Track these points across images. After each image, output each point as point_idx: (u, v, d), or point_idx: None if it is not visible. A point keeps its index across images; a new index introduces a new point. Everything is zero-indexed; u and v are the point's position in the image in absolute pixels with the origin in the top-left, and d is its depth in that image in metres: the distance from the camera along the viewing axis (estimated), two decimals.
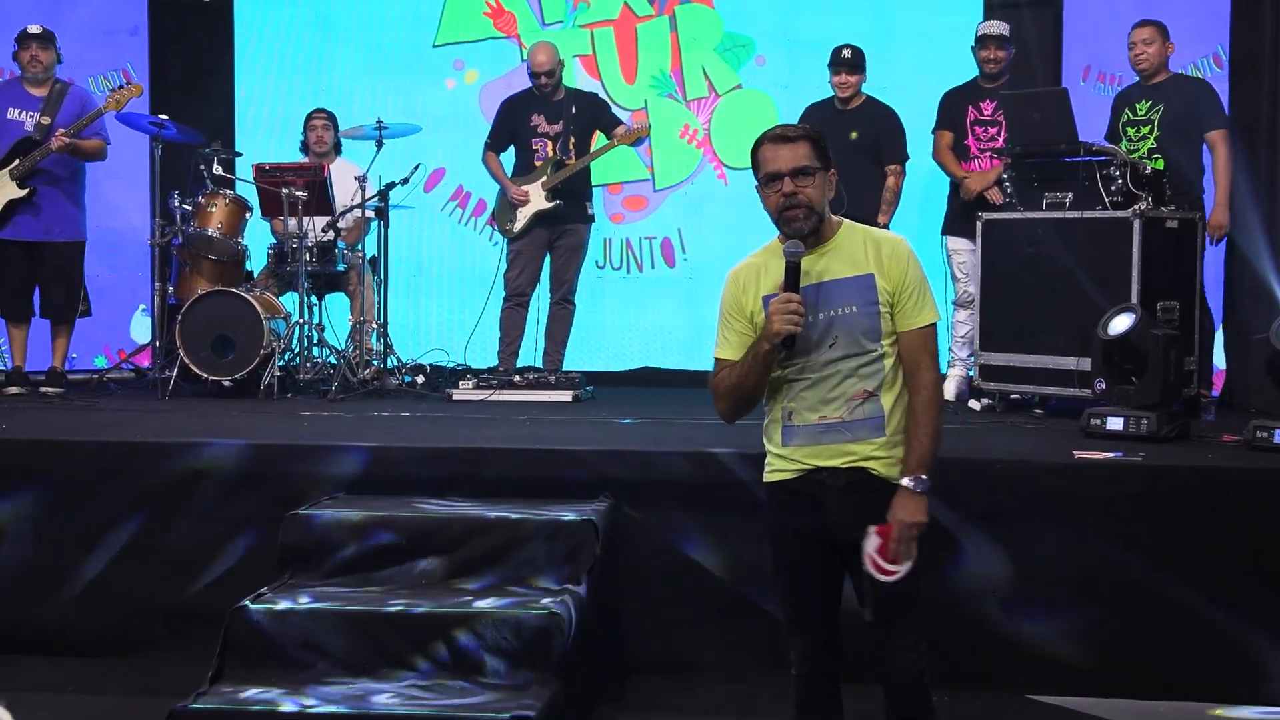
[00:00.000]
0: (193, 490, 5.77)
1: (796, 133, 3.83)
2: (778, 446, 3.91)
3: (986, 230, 7.39)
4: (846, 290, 3.80)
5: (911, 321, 3.81)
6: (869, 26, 8.94)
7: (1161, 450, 5.94)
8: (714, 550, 5.53)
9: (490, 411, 7.35)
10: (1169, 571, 5.34)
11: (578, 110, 8.50)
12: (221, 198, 8.22)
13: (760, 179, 3.85)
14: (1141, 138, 7.47)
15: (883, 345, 3.80)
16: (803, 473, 3.86)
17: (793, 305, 3.68)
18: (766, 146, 3.83)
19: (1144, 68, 7.49)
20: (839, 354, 3.78)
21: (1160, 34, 7.47)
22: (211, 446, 5.89)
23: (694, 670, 5.50)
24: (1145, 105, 7.49)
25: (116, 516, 5.78)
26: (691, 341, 9.36)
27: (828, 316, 3.79)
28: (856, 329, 3.79)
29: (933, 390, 3.84)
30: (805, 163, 3.78)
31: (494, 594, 4.96)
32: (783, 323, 3.68)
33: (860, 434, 3.80)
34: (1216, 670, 5.32)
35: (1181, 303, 6.94)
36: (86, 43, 9.14)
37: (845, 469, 3.81)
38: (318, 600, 4.86)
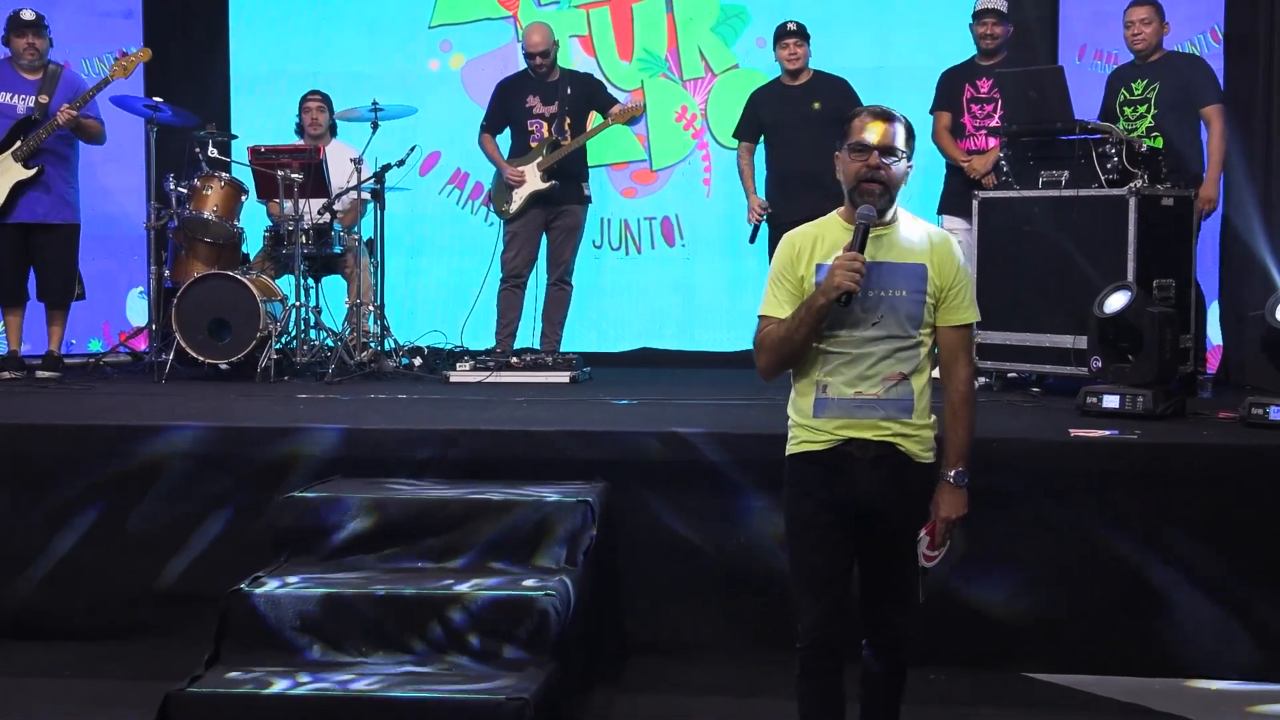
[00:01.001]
0: (189, 474, 5.77)
1: (895, 115, 3.93)
2: (807, 418, 3.97)
3: (983, 209, 7.39)
4: (899, 274, 3.90)
5: (955, 318, 3.96)
6: (866, 6, 8.91)
7: (1157, 428, 5.94)
8: (711, 531, 5.53)
9: (487, 393, 7.35)
10: (1165, 549, 5.35)
11: (573, 91, 8.49)
12: (217, 180, 8.20)
13: (848, 145, 3.92)
14: (1139, 116, 7.47)
15: (921, 334, 3.92)
16: (833, 444, 3.93)
17: (857, 264, 3.76)
18: (865, 117, 3.92)
19: (1140, 47, 7.49)
20: (881, 333, 3.88)
21: (1157, 14, 7.47)
22: (208, 429, 5.90)
23: (691, 650, 5.51)
24: (1141, 84, 7.49)
25: (113, 500, 5.78)
26: (689, 322, 9.37)
27: (877, 295, 3.88)
28: (901, 313, 3.89)
29: (969, 386, 4.02)
30: (896, 144, 3.88)
31: (491, 575, 4.96)
32: (844, 278, 3.75)
33: (892, 412, 3.90)
34: (1214, 646, 5.32)
35: (1177, 280, 6.93)
36: (81, 26, 9.12)
37: (875, 442, 3.91)
38: (313, 583, 4.85)
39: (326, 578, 4.93)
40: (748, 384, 7.07)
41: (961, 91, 8.07)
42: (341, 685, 4.42)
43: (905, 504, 3.96)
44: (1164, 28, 7.50)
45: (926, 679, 5.15)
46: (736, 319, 9.00)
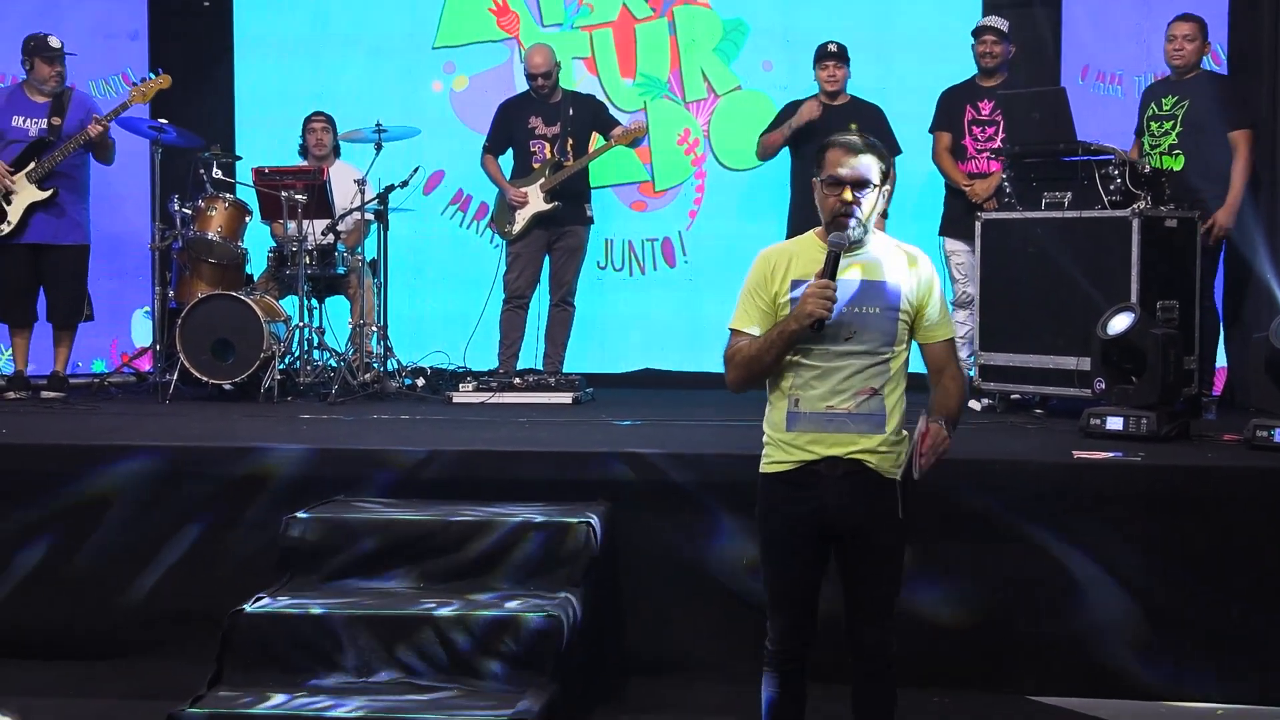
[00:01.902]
0: (192, 493, 5.78)
1: (867, 145, 3.96)
2: (780, 431, 4.02)
3: (985, 230, 7.39)
4: (872, 292, 3.96)
5: (935, 335, 4.04)
6: (868, 26, 8.93)
7: (1161, 450, 5.93)
8: (713, 551, 5.54)
9: (490, 414, 7.35)
10: (1169, 571, 5.34)
11: (575, 112, 8.51)
12: (221, 201, 8.22)
13: (822, 178, 3.97)
14: (1164, 133, 7.46)
15: (894, 350, 3.96)
16: (802, 464, 3.98)
17: (829, 291, 3.83)
18: (836, 150, 3.96)
19: (1180, 63, 7.45)
20: (854, 348, 3.93)
21: (1200, 31, 7.44)
22: (212, 450, 5.91)
23: (693, 670, 5.50)
24: (1171, 100, 7.47)
25: (115, 519, 5.79)
26: (692, 343, 9.35)
27: (850, 313, 3.93)
28: (874, 330, 3.94)
29: (962, 381, 4.13)
30: (869, 176, 3.93)
31: (493, 597, 4.97)
32: (816, 305, 3.82)
33: (863, 428, 3.93)
34: (1217, 670, 5.31)
35: (1181, 302, 6.93)
36: (87, 47, 9.14)
37: (845, 459, 3.94)
38: (316, 603, 4.86)
39: (329, 598, 4.94)
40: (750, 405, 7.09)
41: (963, 113, 8.08)
42: (344, 707, 4.42)
43: (876, 521, 3.98)
44: (1205, 46, 7.49)
45: (929, 702, 5.15)
46: None
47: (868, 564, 4.03)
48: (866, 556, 4.02)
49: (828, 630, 4.10)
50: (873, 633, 4.05)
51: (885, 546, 4.04)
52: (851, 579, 4.06)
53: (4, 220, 7.91)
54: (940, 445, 3.87)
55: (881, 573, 4.05)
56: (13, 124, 8.03)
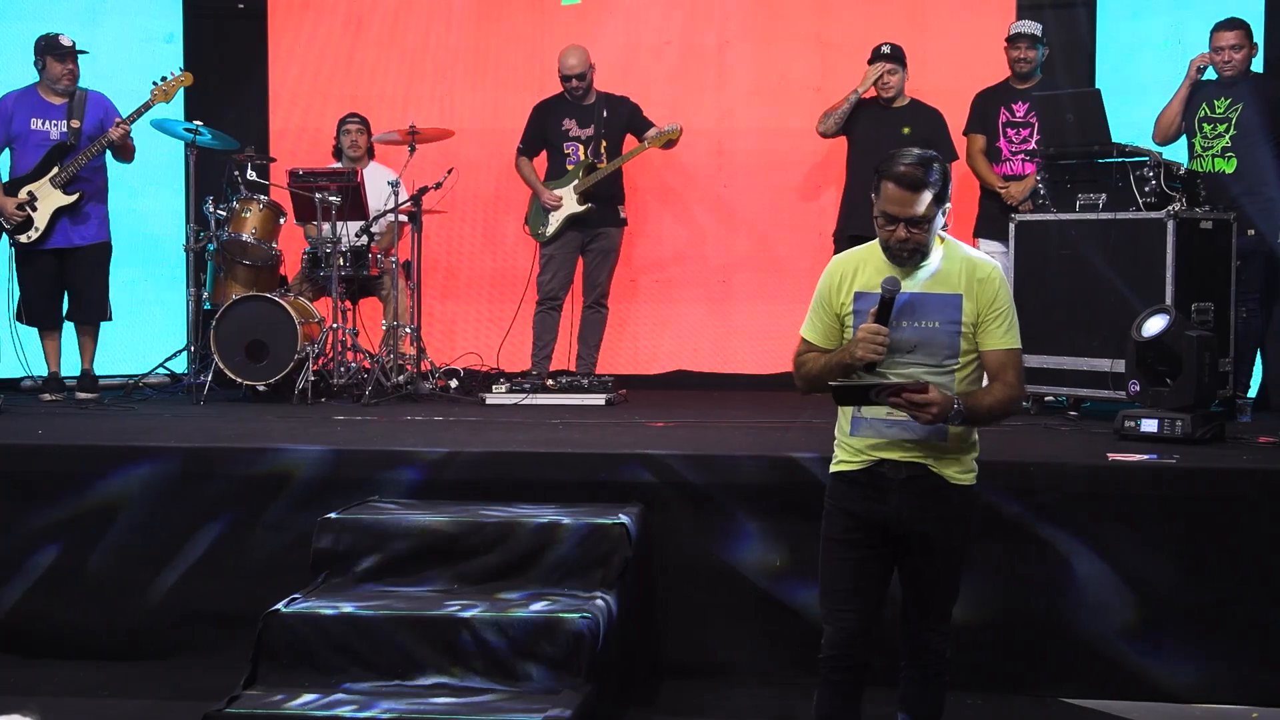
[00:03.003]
0: (224, 494, 5.81)
1: (923, 179, 3.87)
2: (846, 436, 4.07)
3: (1020, 232, 7.37)
4: (933, 306, 3.96)
5: (998, 343, 3.99)
6: (901, 28, 8.91)
7: (1196, 452, 5.91)
8: (747, 553, 5.53)
9: (523, 415, 7.37)
10: (1204, 573, 5.31)
11: (609, 114, 8.52)
12: (255, 203, 8.26)
13: (877, 210, 3.95)
14: (1216, 135, 7.44)
15: (958, 362, 3.97)
16: (867, 464, 4.01)
17: (879, 338, 3.85)
18: (889, 186, 3.90)
19: (1230, 74, 7.43)
20: (915, 361, 3.94)
21: (1247, 37, 7.43)
22: (245, 452, 5.93)
23: (727, 673, 5.50)
24: (1224, 103, 7.44)
25: (149, 520, 5.82)
26: (724, 345, 9.36)
27: (911, 326, 3.95)
28: (936, 343, 3.95)
29: (1010, 394, 3.98)
30: (925, 212, 3.88)
31: (526, 598, 4.96)
32: (867, 351, 3.85)
33: (923, 436, 3.95)
34: (1253, 673, 5.28)
35: (1216, 304, 6.90)
36: (122, 50, 9.20)
37: (906, 463, 3.96)
38: (351, 604, 4.86)
39: (364, 599, 4.94)
40: (785, 406, 7.08)
41: (997, 115, 8.07)
42: (378, 707, 4.42)
43: (941, 526, 4.01)
44: (1253, 49, 7.47)
45: (964, 704, 5.13)
46: (773, 340, 8.98)
47: (931, 569, 4.05)
48: (931, 562, 4.04)
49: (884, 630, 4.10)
50: (933, 639, 4.08)
51: (949, 552, 4.06)
52: (914, 584, 4.08)
53: (32, 227, 7.96)
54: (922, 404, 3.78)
55: (943, 578, 4.08)
56: (32, 126, 8.08)
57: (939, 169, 3.93)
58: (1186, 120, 7.60)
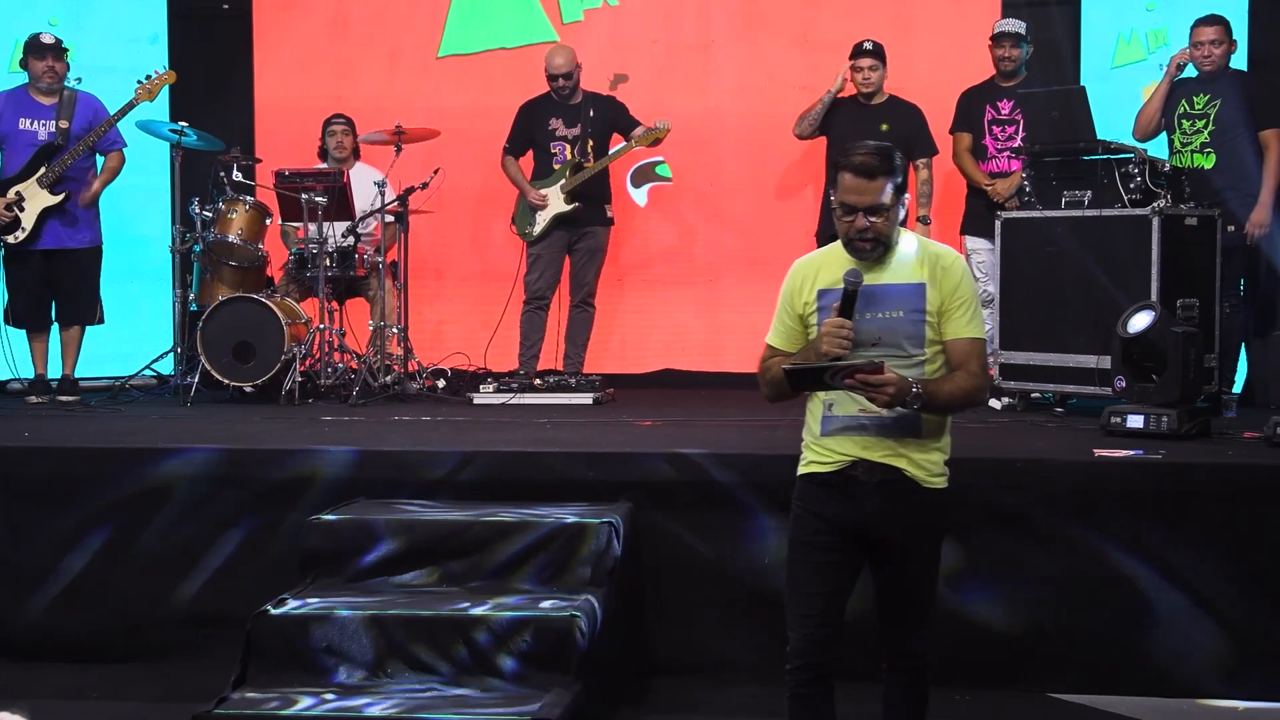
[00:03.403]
0: (215, 495, 5.80)
1: (879, 166, 3.86)
2: (815, 436, 4.01)
3: (1006, 229, 7.39)
4: (896, 296, 3.91)
5: (961, 332, 3.92)
6: (887, 26, 8.93)
7: (1182, 448, 5.93)
8: (736, 551, 5.54)
9: (511, 415, 7.37)
10: (1191, 569, 5.33)
11: (595, 113, 8.52)
12: (241, 204, 8.25)
13: (835, 201, 3.93)
14: (1195, 131, 7.47)
15: (925, 352, 3.91)
16: (839, 465, 3.95)
17: (843, 332, 3.81)
18: (847, 176, 3.88)
19: (1210, 69, 7.47)
20: (881, 354, 3.87)
21: (1226, 33, 7.47)
22: (235, 452, 5.93)
23: (717, 670, 5.51)
24: (1203, 99, 7.48)
25: (138, 523, 5.81)
26: (712, 343, 9.37)
27: (875, 318, 3.90)
28: (901, 334, 3.90)
29: (973, 382, 3.91)
30: (882, 200, 3.86)
31: (515, 596, 4.97)
32: (831, 345, 3.81)
33: (895, 432, 3.90)
34: (1237, 667, 5.30)
35: (1201, 300, 6.92)
36: (107, 51, 9.19)
37: (879, 464, 3.90)
38: (339, 604, 4.87)
39: (352, 599, 4.94)
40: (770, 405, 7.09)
41: (982, 113, 8.09)
42: (367, 707, 4.44)
43: (914, 530, 3.96)
44: (1233, 46, 7.50)
45: (950, 699, 5.14)
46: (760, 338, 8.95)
47: (907, 575, 3.99)
48: (906, 568, 3.98)
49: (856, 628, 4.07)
50: (912, 643, 4.03)
51: (924, 557, 4.01)
52: (890, 591, 4.02)
53: (19, 228, 7.95)
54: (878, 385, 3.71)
55: (918, 583, 4.02)
56: (20, 126, 8.08)
57: (897, 159, 3.91)
58: (1166, 116, 7.63)
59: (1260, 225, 7.34)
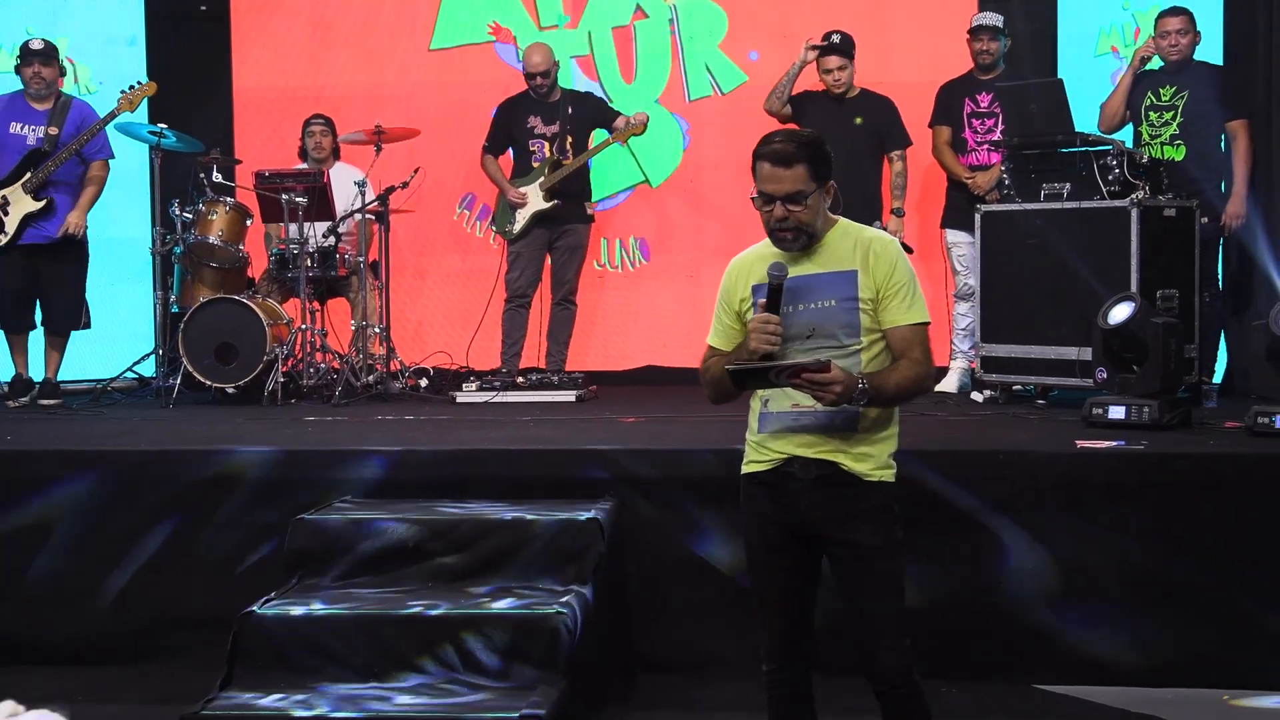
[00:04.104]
0: (198, 497, 5.79)
1: (795, 153, 3.76)
2: (754, 434, 3.94)
3: (986, 222, 7.41)
4: (826, 285, 3.81)
5: (900, 319, 3.80)
6: (864, 20, 8.95)
7: (1163, 438, 5.96)
8: (721, 547, 5.54)
9: (494, 413, 7.37)
10: (1173, 559, 5.36)
11: (574, 110, 8.53)
12: (222, 205, 8.23)
13: (754, 194, 3.85)
14: (1164, 123, 7.51)
15: (862, 340, 3.80)
16: (775, 464, 3.86)
17: (770, 326, 3.71)
18: (764, 165, 3.79)
19: (1176, 58, 7.52)
20: (817, 345, 3.78)
21: (1192, 24, 7.53)
22: (216, 454, 5.91)
23: (703, 667, 5.51)
24: (1169, 91, 7.52)
25: (120, 524, 5.79)
26: (694, 339, 9.31)
27: (806, 309, 3.80)
28: (833, 323, 3.79)
29: (918, 371, 3.79)
30: (800, 187, 3.76)
31: (501, 595, 4.97)
32: (759, 341, 3.72)
33: (832, 427, 3.80)
34: (1221, 656, 5.33)
35: (1181, 290, 6.96)
36: (84, 53, 9.16)
37: (815, 460, 3.80)
38: (326, 605, 4.87)
39: (339, 599, 4.94)
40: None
41: (961, 106, 8.12)
42: (355, 706, 4.43)
43: (858, 528, 3.80)
44: (1197, 37, 7.54)
45: (937, 691, 5.13)
46: None
47: (855, 574, 3.82)
48: (853, 566, 3.81)
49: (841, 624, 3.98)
50: (886, 657, 3.80)
51: (871, 554, 3.80)
52: (844, 592, 3.86)
53: (1, 231, 7.92)
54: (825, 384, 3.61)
55: (872, 583, 3.81)
56: (10, 130, 8.05)
57: (814, 147, 3.80)
58: (1132, 109, 7.66)
59: (1237, 216, 7.40)
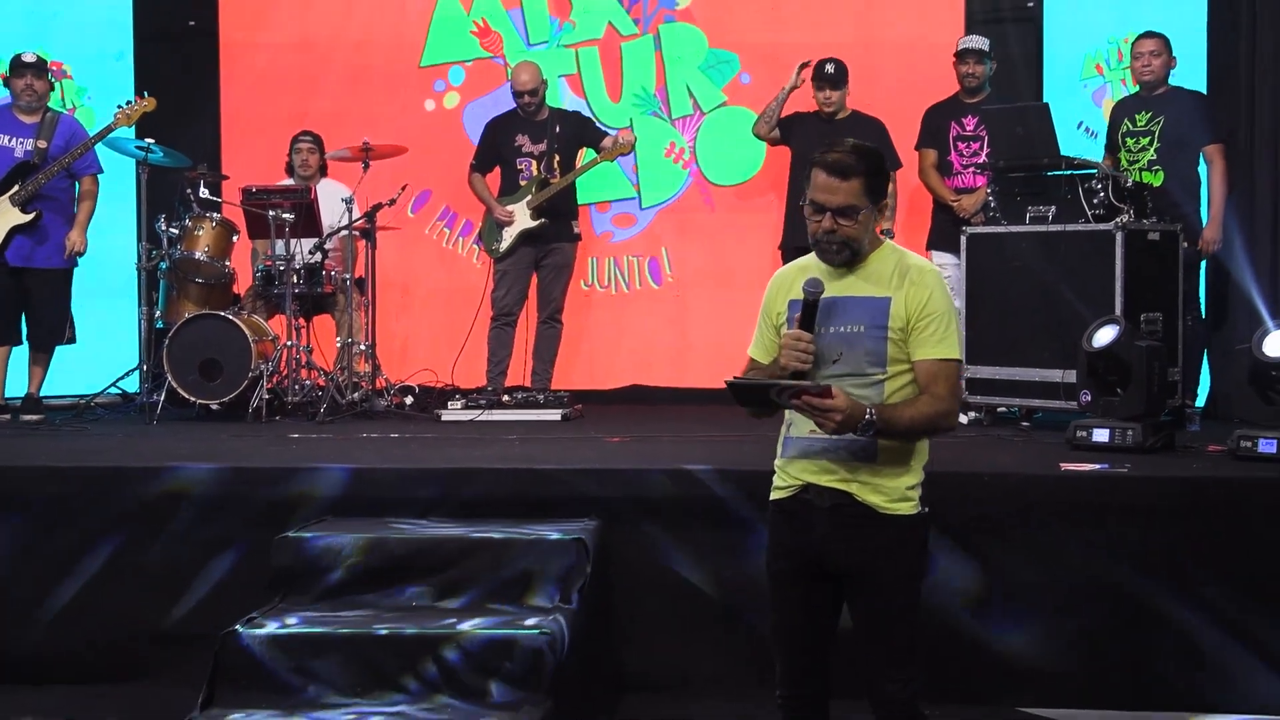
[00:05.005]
0: (181, 514, 5.76)
1: (854, 166, 3.68)
2: (778, 458, 3.89)
3: (971, 245, 7.43)
4: (859, 309, 3.73)
5: (929, 352, 3.71)
6: (852, 42, 9.00)
7: (1147, 461, 5.97)
8: (704, 567, 5.55)
9: (479, 431, 7.37)
10: (1156, 582, 5.37)
11: (562, 129, 8.54)
12: (208, 221, 8.23)
13: (806, 198, 3.76)
14: (1141, 149, 7.55)
15: (886, 371, 3.71)
16: (794, 490, 3.81)
17: (802, 344, 3.64)
18: (819, 174, 3.70)
19: (1149, 79, 7.57)
20: (841, 371, 3.70)
21: (1165, 47, 7.58)
22: (200, 469, 5.89)
23: (687, 686, 5.51)
24: (1145, 116, 7.56)
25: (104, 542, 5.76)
26: (679, 359, 9.39)
27: (836, 332, 3.72)
28: (860, 350, 3.71)
29: (937, 407, 3.70)
30: (853, 201, 3.67)
31: (485, 614, 4.97)
32: (790, 358, 3.65)
33: (847, 456, 3.72)
34: (1203, 679, 5.34)
35: (1164, 314, 6.98)
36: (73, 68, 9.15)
37: (830, 489, 3.74)
38: (309, 623, 4.86)
39: (322, 618, 4.93)
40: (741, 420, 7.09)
41: (948, 129, 8.15)
42: None
43: (874, 559, 3.73)
44: (1172, 61, 7.59)
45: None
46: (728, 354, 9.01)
47: (873, 608, 3.76)
48: (872, 600, 3.76)
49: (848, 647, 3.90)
50: (890, 688, 3.76)
51: (889, 589, 3.75)
52: (860, 625, 3.80)
53: None
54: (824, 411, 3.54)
55: (888, 618, 3.75)
56: None
57: (875, 162, 3.72)
58: (1110, 137, 7.70)
59: (1213, 242, 7.44)
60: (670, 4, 9.50)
